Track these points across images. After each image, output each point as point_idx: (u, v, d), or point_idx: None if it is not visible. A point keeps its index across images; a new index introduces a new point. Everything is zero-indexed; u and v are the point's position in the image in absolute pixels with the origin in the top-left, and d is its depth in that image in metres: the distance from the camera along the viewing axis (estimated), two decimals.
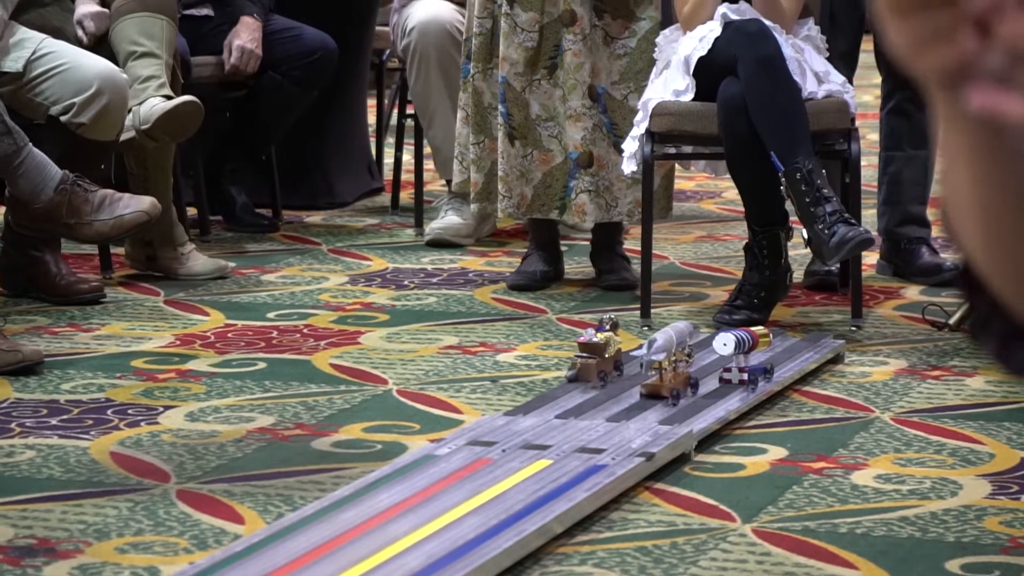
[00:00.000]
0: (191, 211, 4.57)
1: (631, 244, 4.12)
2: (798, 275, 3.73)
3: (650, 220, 3.62)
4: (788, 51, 3.43)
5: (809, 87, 3.48)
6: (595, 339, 3.19)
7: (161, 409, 2.98)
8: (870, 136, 5.19)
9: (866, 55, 4.21)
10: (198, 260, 4.16)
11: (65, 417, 3.03)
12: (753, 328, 3.18)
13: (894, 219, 4.42)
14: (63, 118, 3.72)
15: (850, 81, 3.73)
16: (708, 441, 2.87)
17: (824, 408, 3.19)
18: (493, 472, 2.62)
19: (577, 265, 4.17)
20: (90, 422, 3.10)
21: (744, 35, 3.43)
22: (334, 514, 2.48)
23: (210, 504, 2.63)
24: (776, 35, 3.44)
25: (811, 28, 3.67)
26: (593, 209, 3.77)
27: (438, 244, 4.41)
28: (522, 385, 3.30)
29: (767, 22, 3.48)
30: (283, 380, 3.18)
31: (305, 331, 3.65)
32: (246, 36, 4.57)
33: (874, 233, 3.64)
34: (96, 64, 3.78)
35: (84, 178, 3.57)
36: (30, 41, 3.78)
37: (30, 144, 3.40)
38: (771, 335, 3.23)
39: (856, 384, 3.14)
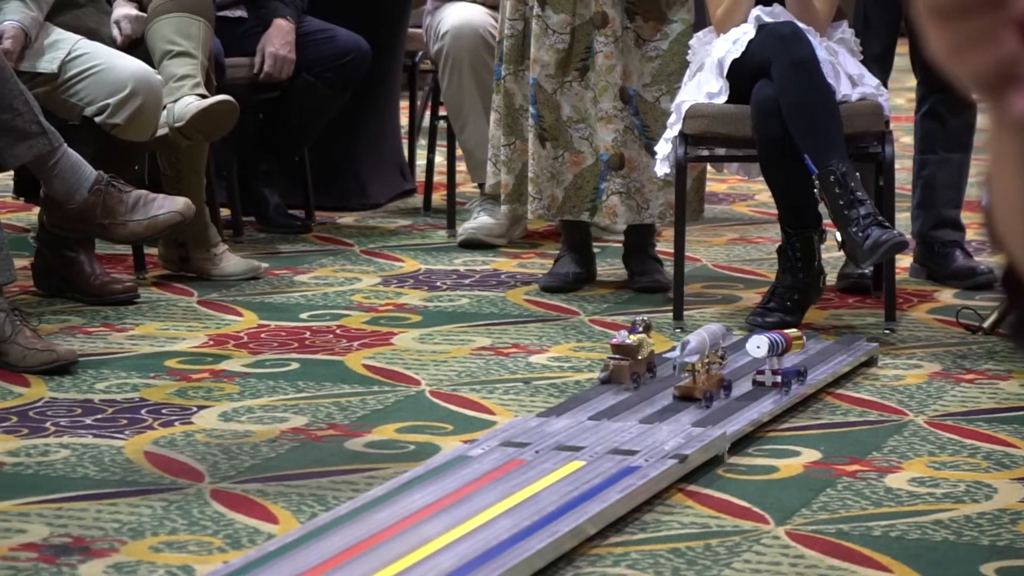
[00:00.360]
0: (224, 212, 4.58)
1: (663, 246, 4.11)
2: (831, 278, 3.70)
3: (683, 222, 3.61)
4: (822, 53, 3.42)
5: (843, 90, 3.47)
6: (628, 341, 3.18)
7: (195, 409, 2.97)
8: (904, 139, 5.18)
9: (900, 58, 4.18)
10: (231, 261, 4.17)
11: (99, 416, 3.07)
12: (786, 331, 3.20)
13: (928, 222, 4.44)
14: (97, 119, 3.74)
15: (884, 84, 3.69)
16: (741, 443, 2.87)
17: (858, 411, 3.20)
18: (526, 473, 2.63)
19: (609, 267, 4.16)
20: (124, 421, 3.12)
21: (778, 37, 3.42)
22: (367, 514, 2.49)
23: (244, 504, 2.65)
24: (810, 37, 3.42)
25: (845, 31, 3.66)
26: (624, 211, 3.76)
27: (471, 245, 4.40)
28: (554, 387, 3.33)
29: (801, 24, 3.45)
30: (316, 380, 3.17)
31: (338, 332, 3.65)
32: (279, 41, 4.57)
33: (908, 236, 3.60)
34: (130, 65, 3.80)
35: (118, 178, 3.58)
36: (65, 42, 3.80)
37: (65, 144, 3.42)
38: (804, 338, 3.25)
39: (890, 387, 3.12)
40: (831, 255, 3.68)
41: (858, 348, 3.44)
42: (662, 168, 3.51)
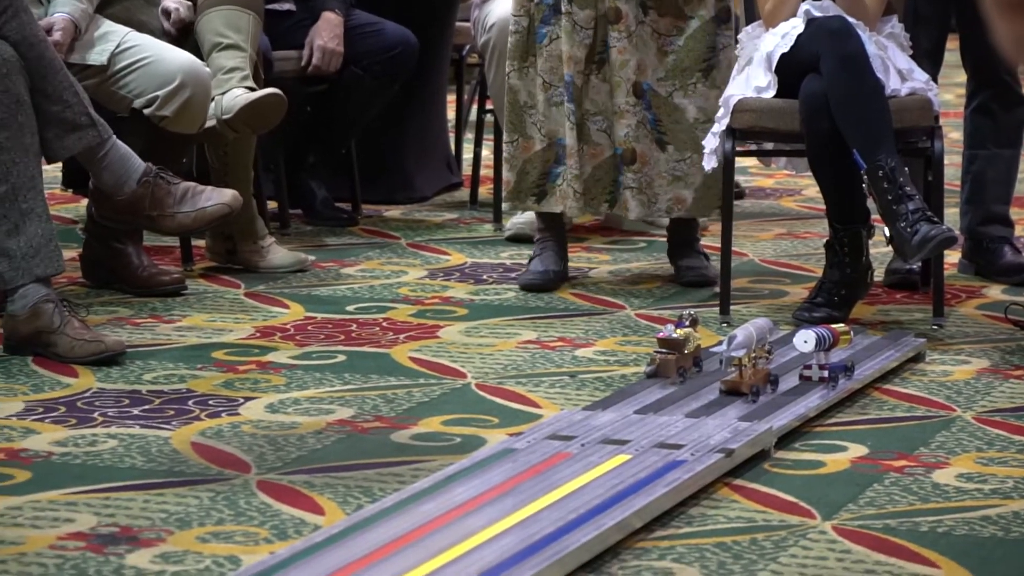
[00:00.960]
0: (271, 205, 4.59)
1: (710, 241, 4.09)
2: (879, 273, 3.67)
3: (730, 217, 3.62)
4: (871, 48, 3.40)
5: (892, 84, 3.45)
6: (674, 335, 3.21)
7: (241, 400, 2.97)
8: (953, 135, 5.11)
9: (950, 53, 4.13)
10: (278, 253, 4.18)
11: (147, 407, 3.17)
12: (833, 326, 3.21)
13: (976, 218, 4.43)
14: (147, 111, 3.76)
15: (934, 79, 3.66)
16: (788, 438, 2.89)
17: (905, 406, 3.21)
18: (572, 467, 2.66)
19: (656, 262, 4.14)
20: (171, 412, 3.17)
21: (827, 32, 3.40)
22: (412, 507, 2.51)
23: (290, 495, 2.69)
24: (859, 32, 3.40)
25: (895, 25, 3.64)
26: (635, 205, 3.79)
27: (519, 239, 4.41)
28: (600, 380, 3.35)
29: (850, 19, 3.43)
30: (362, 373, 3.17)
31: (384, 324, 3.65)
32: (327, 35, 4.59)
33: (956, 232, 3.57)
34: (179, 57, 3.82)
35: (167, 170, 3.60)
36: (114, 34, 3.83)
37: (114, 136, 3.44)
38: (852, 333, 3.26)
39: (937, 383, 3.10)
40: (879, 250, 3.66)
41: (906, 344, 3.45)
42: (709, 162, 3.49)
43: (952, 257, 3.93)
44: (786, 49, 3.40)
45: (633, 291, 3.86)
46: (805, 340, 3.15)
